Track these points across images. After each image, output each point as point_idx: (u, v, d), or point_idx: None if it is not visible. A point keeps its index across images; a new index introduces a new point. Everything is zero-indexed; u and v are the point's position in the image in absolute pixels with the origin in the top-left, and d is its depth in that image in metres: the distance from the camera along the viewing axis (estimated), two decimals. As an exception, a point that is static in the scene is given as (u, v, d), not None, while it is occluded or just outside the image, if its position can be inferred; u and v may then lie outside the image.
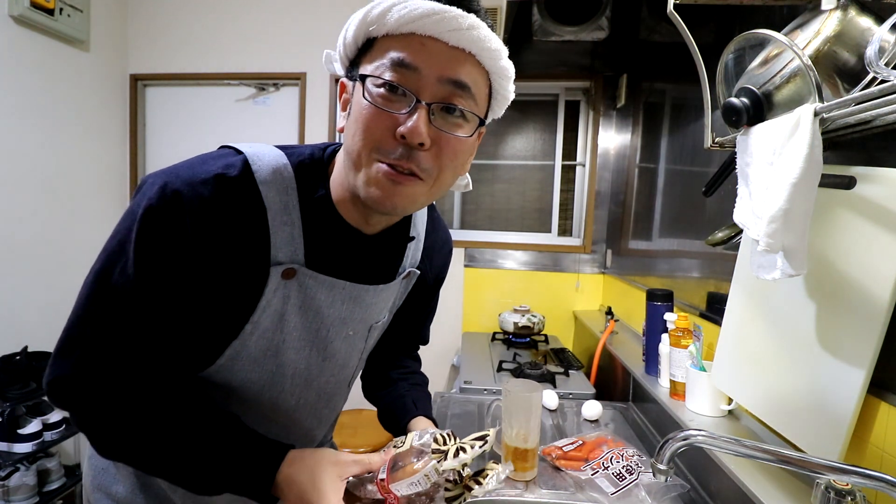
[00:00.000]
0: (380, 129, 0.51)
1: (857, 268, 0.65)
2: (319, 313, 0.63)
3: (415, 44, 0.51)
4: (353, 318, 0.66)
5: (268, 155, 0.57)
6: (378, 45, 0.53)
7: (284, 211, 0.57)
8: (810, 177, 0.58)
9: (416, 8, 0.49)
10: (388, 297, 0.71)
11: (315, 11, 2.45)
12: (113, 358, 0.53)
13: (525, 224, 2.56)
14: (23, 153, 2.02)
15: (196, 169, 0.54)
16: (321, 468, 0.54)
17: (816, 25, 0.64)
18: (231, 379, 0.61)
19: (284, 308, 0.59)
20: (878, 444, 0.65)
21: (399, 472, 0.53)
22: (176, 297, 0.54)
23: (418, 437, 0.57)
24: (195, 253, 0.53)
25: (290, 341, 0.62)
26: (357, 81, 0.53)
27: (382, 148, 0.52)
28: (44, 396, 1.87)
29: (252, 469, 0.54)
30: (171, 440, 0.54)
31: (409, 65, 0.50)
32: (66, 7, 2.11)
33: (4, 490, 1.75)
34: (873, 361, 0.62)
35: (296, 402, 0.68)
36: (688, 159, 1.45)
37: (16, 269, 1.99)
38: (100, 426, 0.55)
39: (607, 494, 0.88)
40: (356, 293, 0.64)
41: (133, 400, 0.55)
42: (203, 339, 0.58)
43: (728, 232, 0.87)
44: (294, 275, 0.58)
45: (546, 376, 1.59)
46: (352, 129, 0.54)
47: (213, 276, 0.54)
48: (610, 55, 2.20)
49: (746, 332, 0.88)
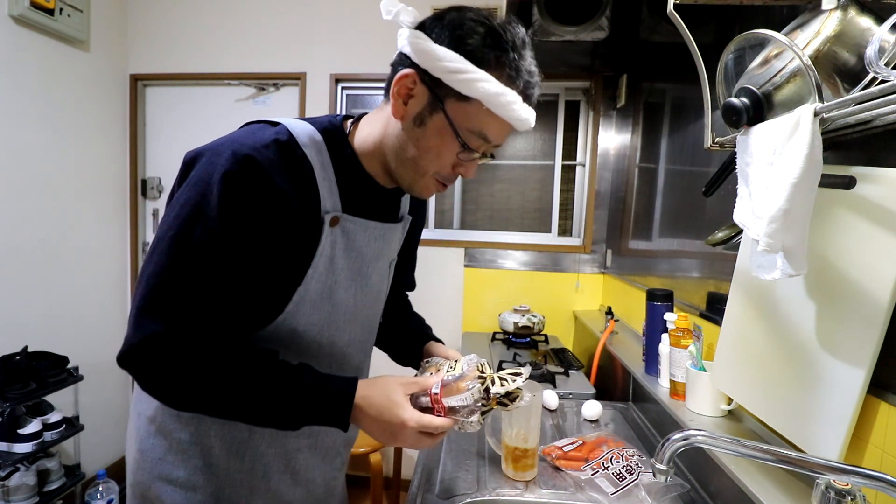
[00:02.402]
0: (447, 162, 0.68)
1: (857, 268, 0.65)
2: (360, 252, 0.74)
3: (504, 131, 0.66)
4: (382, 254, 0.79)
5: (299, 124, 0.68)
6: (479, 109, 0.62)
7: (322, 168, 0.68)
8: (810, 177, 0.58)
9: (520, 113, 0.63)
10: (398, 236, 0.84)
11: (315, 11, 2.45)
12: (203, 311, 0.59)
13: (525, 224, 2.56)
14: (22, 153, 2.02)
15: (253, 137, 0.63)
16: (391, 388, 0.66)
17: (816, 25, 0.64)
18: (296, 324, 0.70)
19: (333, 252, 0.70)
20: (878, 444, 0.65)
21: (450, 390, 0.67)
22: (257, 251, 0.62)
23: (464, 365, 0.71)
24: (273, 210, 0.61)
25: (340, 281, 0.72)
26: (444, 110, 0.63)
27: (442, 174, 0.69)
28: (44, 396, 1.88)
29: (333, 398, 0.63)
30: (256, 385, 0.61)
31: (489, 140, 0.66)
32: (66, 7, 2.11)
33: (4, 490, 1.75)
34: (873, 361, 0.62)
35: (348, 338, 0.78)
36: (688, 159, 1.45)
37: (15, 269, 1.99)
38: (186, 380, 0.60)
39: (607, 494, 0.88)
40: (383, 231, 0.77)
41: (221, 349, 0.61)
42: (273, 287, 0.66)
43: (728, 232, 0.87)
44: (338, 222, 0.69)
45: (546, 376, 1.59)
46: (423, 147, 0.66)
47: (284, 230, 0.63)
48: (610, 55, 2.20)
49: (746, 332, 0.88)
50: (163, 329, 0.58)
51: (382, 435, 0.65)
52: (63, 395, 1.97)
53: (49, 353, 1.96)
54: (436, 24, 0.63)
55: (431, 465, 1.00)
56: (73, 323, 2.21)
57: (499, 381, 0.69)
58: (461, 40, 0.61)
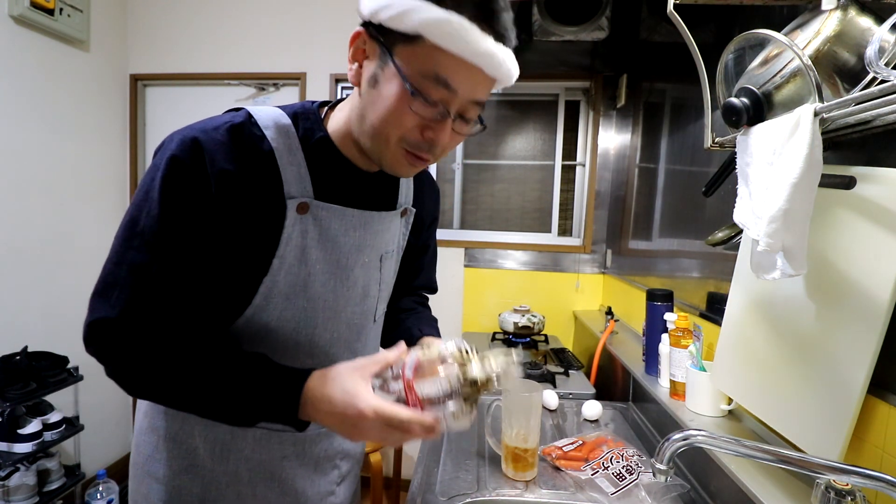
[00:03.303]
0: (410, 124, 0.58)
1: (857, 268, 0.65)
2: (336, 242, 0.68)
3: (462, 69, 0.55)
4: (366, 245, 0.72)
5: (266, 108, 0.66)
6: (427, 48, 0.54)
7: (289, 152, 0.63)
8: (810, 177, 0.58)
9: (479, 44, 0.53)
10: (393, 228, 0.78)
11: (315, 11, 2.45)
12: (149, 297, 0.57)
13: (525, 224, 2.56)
14: (22, 153, 2.01)
15: (207, 122, 0.62)
16: (343, 376, 0.57)
17: (816, 25, 0.64)
18: (268, 319, 0.65)
19: (304, 242, 0.65)
20: (878, 444, 0.65)
21: (423, 373, 0.56)
22: (202, 237, 0.59)
23: (444, 345, 0.59)
24: (216, 192, 0.58)
25: (315, 274, 0.67)
26: (392, 63, 0.56)
27: (409, 139, 0.60)
28: (44, 396, 1.88)
29: (279, 391, 0.57)
30: (202, 374, 0.58)
31: (450, 87, 0.56)
32: (66, 7, 2.11)
33: (4, 490, 1.75)
34: (873, 361, 0.62)
35: (330, 337, 0.72)
36: (688, 159, 1.45)
37: (15, 269, 1.99)
38: (136, 366, 0.59)
39: (607, 494, 0.88)
40: (365, 219, 0.71)
41: (168, 340, 0.59)
42: (236, 277, 0.63)
43: (728, 232, 0.87)
44: (308, 209, 0.64)
45: (546, 376, 1.59)
46: (380, 108, 0.58)
47: (235, 213, 0.60)
48: (610, 55, 2.20)
49: (746, 332, 0.88)
50: (112, 314, 0.56)
51: (344, 430, 0.56)
52: (63, 395, 1.97)
53: (49, 353, 1.96)
54: None
55: (431, 465, 1.00)
56: (73, 323, 2.20)
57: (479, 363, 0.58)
58: None
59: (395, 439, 0.55)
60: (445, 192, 2.47)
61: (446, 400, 0.55)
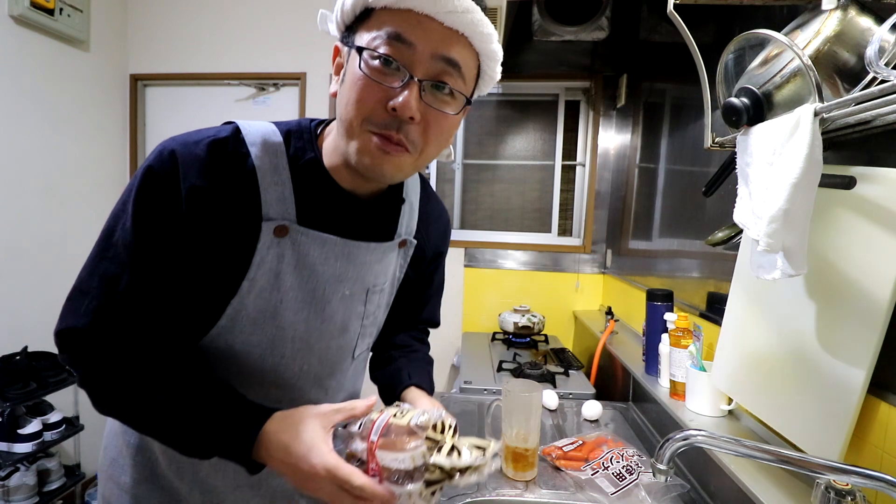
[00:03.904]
0: (372, 100, 0.54)
1: (857, 268, 0.65)
2: (314, 271, 0.63)
3: (412, 20, 0.52)
4: (347, 277, 0.67)
5: (257, 124, 0.62)
6: (375, 16, 0.54)
7: (274, 172, 0.60)
8: (810, 177, 0.58)
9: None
10: (386, 261, 0.72)
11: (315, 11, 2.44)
12: (117, 309, 0.55)
13: (525, 224, 2.56)
14: (22, 153, 2.01)
15: (192, 134, 0.59)
16: (304, 422, 0.53)
17: (816, 25, 0.64)
18: (233, 342, 0.62)
19: (279, 267, 0.61)
20: (878, 444, 0.65)
21: (389, 442, 0.51)
22: (173, 252, 0.56)
23: (418, 416, 0.53)
24: (187, 208, 0.55)
25: (287, 301, 0.62)
26: (352, 50, 0.55)
27: (374, 119, 0.54)
28: (44, 396, 1.87)
29: (234, 430, 0.53)
30: (162, 399, 0.55)
31: (405, 40, 0.52)
32: (66, 7, 2.11)
33: (4, 490, 1.75)
34: (873, 361, 0.62)
35: (299, 369, 0.67)
36: (688, 159, 1.45)
37: (16, 269, 1.99)
38: (99, 379, 0.57)
39: (607, 494, 0.88)
40: (348, 249, 0.65)
41: (132, 355, 0.56)
42: (203, 296, 0.59)
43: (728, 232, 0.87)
44: (287, 232, 0.60)
45: (546, 376, 1.59)
46: (345, 98, 0.56)
47: (205, 231, 0.56)
48: (610, 55, 2.20)
49: (746, 332, 0.87)
50: (80, 324, 0.55)
51: (296, 482, 0.52)
52: (63, 395, 1.97)
53: (49, 353, 1.96)
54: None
55: (431, 465, 1.00)
56: (73, 323, 2.20)
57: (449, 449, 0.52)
58: None
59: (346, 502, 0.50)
60: (445, 192, 2.47)
61: (407, 479, 0.50)
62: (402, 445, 0.50)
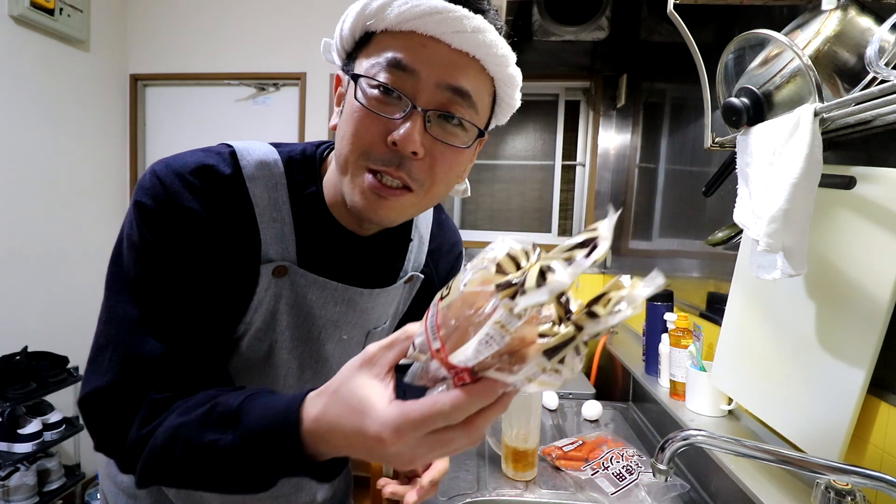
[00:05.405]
0: (371, 133, 0.48)
1: (857, 268, 0.65)
2: (311, 314, 0.59)
3: (414, 44, 0.47)
4: (346, 322, 0.62)
5: (258, 150, 0.55)
6: (376, 41, 0.49)
7: (273, 207, 0.54)
8: (810, 177, 0.58)
9: (417, 4, 0.45)
10: (389, 301, 0.67)
11: (315, 11, 2.45)
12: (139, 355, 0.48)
13: (525, 224, 2.56)
14: (23, 153, 2.02)
15: (186, 159, 0.52)
16: (348, 385, 0.38)
17: (816, 25, 0.64)
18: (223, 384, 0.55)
19: (276, 306, 0.57)
20: (878, 444, 0.65)
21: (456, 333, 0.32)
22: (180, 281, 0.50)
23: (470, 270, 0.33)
24: (187, 233, 0.50)
25: (282, 341, 0.59)
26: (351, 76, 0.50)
27: (372, 154, 0.48)
28: (44, 396, 1.88)
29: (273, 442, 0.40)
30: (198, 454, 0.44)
31: (406, 67, 0.47)
32: (66, 7, 2.11)
33: (4, 490, 1.75)
34: (873, 361, 0.62)
35: None
36: (688, 159, 1.45)
37: (16, 269, 2.00)
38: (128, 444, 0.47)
39: (607, 494, 0.88)
40: (349, 296, 0.60)
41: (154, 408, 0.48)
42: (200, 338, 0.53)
43: (728, 232, 0.87)
44: (286, 273, 0.55)
45: (546, 376, 1.58)
46: (342, 131, 0.51)
47: (203, 273, 0.51)
48: (610, 55, 2.20)
49: (746, 332, 0.87)
50: (104, 382, 0.48)
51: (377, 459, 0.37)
52: (63, 395, 1.97)
53: (49, 353, 1.96)
54: None
55: (431, 465, 1.00)
56: (73, 323, 2.20)
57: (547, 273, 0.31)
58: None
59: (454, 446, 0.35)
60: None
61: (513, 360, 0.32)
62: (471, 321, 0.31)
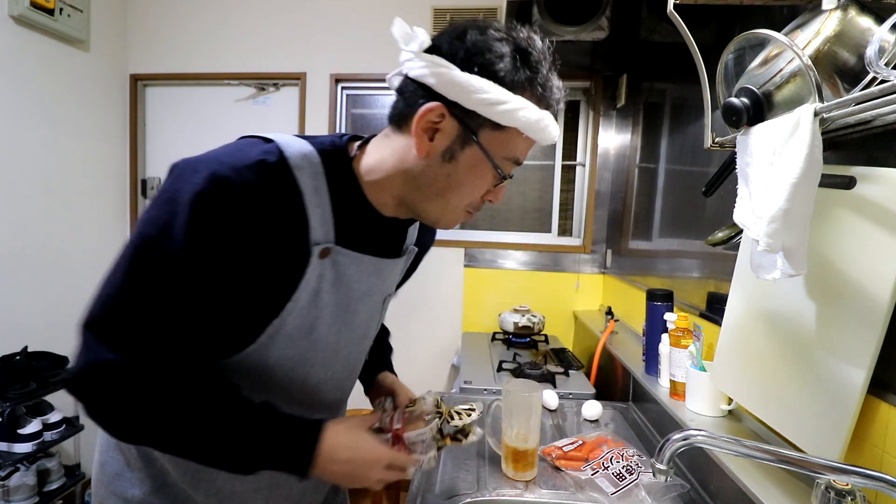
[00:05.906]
0: (480, 192, 0.64)
1: (857, 268, 0.65)
2: (350, 288, 0.67)
3: (530, 146, 0.63)
4: (375, 291, 0.73)
5: (295, 142, 0.61)
6: (513, 134, 0.59)
7: (316, 193, 0.61)
8: (810, 177, 0.58)
9: (552, 131, 0.60)
10: (399, 270, 0.78)
11: (315, 11, 2.45)
12: (161, 341, 0.54)
13: (525, 224, 2.56)
14: (23, 153, 2.01)
15: (237, 156, 0.56)
16: (356, 427, 0.64)
17: (816, 25, 0.64)
18: (267, 357, 0.63)
19: (320, 286, 0.63)
20: (878, 444, 0.65)
21: (410, 426, 0.70)
22: (225, 281, 0.56)
23: (425, 402, 0.74)
24: (245, 235, 0.55)
25: (323, 317, 0.65)
26: (474, 144, 0.59)
27: (474, 203, 0.65)
28: (44, 396, 1.87)
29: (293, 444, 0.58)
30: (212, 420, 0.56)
31: (520, 162, 0.63)
32: (66, 7, 2.11)
33: (4, 490, 1.75)
34: (873, 361, 0.62)
35: (325, 376, 0.71)
36: (688, 159, 1.45)
37: (16, 269, 1.99)
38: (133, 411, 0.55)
39: (607, 494, 0.88)
40: (380, 266, 0.70)
41: (176, 380, 0.56)
42: (246, 318, 0.61)
43: (728, 232, 0.87)
44: (329, 253, 0.62)
45: (546, 376, 1.59)
46: (455, 183, 0.62)
47: (260, 257, 0.57)
48: (610, 55, 2.20)
49: (746, 332, 0.88)
50: (119, 359, 0.52)
51: (349, 477, 0.62)
52: (63, 395, 1.97)
53: (49, 353, 1.96)
54: (457, 47, 0.57)
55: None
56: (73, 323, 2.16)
57: (455, 415, 0.74)
58: (492, 66, 0.56)
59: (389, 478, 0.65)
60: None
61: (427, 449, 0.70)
62: (420, 424, 0.70)
